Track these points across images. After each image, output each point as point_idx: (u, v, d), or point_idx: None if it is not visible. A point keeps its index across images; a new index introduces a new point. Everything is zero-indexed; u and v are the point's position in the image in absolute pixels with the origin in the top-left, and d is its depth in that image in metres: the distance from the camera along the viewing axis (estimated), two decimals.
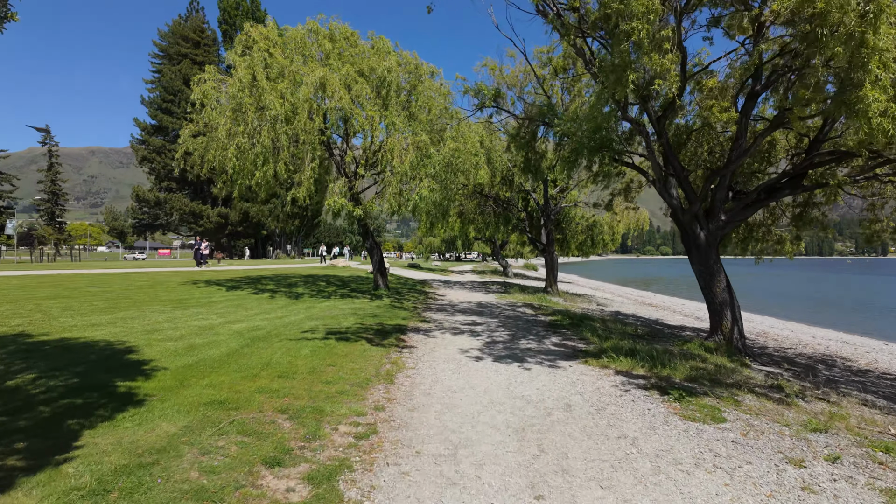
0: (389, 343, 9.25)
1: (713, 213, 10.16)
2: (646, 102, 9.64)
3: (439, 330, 11.29)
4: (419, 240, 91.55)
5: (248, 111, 15.56)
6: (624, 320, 16.60)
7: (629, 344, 9.47)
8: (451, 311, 14.95)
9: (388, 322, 11.82)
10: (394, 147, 14.66)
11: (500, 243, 44.96)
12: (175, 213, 67.72)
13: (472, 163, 16.65)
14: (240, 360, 7.25)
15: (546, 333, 11.22)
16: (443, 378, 6.98)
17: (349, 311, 13.36)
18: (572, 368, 7.82)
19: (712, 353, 10.01)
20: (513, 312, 15.18)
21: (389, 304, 15.68)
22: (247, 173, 16.23)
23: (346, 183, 15.49)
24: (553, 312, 15.02)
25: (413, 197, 15.03)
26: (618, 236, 25.84)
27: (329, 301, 15.54)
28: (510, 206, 24.56)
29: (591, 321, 13.71)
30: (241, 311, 12.57)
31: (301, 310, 13.31)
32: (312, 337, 9.26)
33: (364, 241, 18.68)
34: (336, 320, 11.57)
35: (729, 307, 10.26)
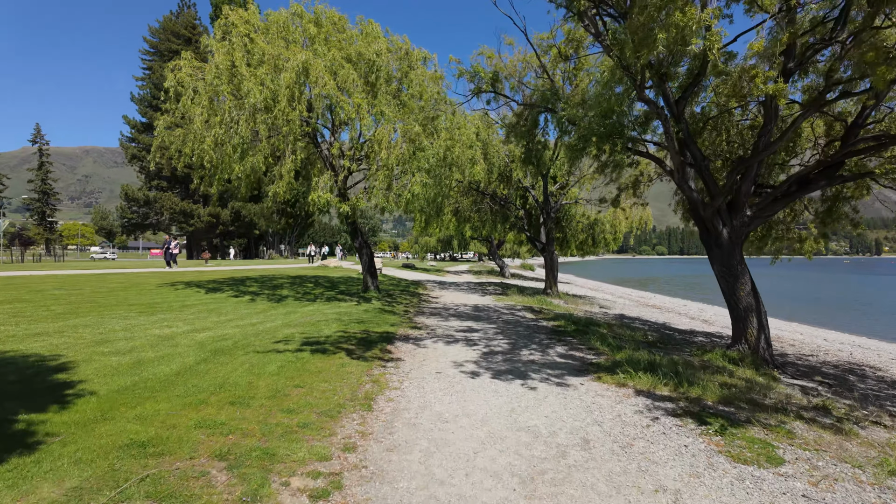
0: (373, 355, 8.10)
1: (737, 208, 9.06)
2: (663, 83, 8.53)
3: (431, 338, 10.14)
4: (415, 240, 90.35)
5: (225, 100, 14.41)
6: (630, 324, 15.50)
7: (646, 356, 8.35)
8: (445, 316, 13.80)
9: (375, 329, 10.66)
10: (383, 138, 13.51)
11: (496, 243, 43.83)
12: (165, 213, 66.31)
13: (468, 156, 15.52)
14: (191, 379, 6.09)
15: (550, 342, 10.09)
16: (432, 401, 5.83)
17: (333, 316, 12.19)
18: (584, 387, 6.69)
19: (737, 364, 8.91)
20: (512, 317, 14.04)
21: (378, 307, 14.53)
22: (225, 167, 15.06)
23: (333, 177, 14.33)
24: (555, 317, 13.90)
25: (405, 193, 13.89)
26: (620, 235, 24.76)
27: (313, 305, 14.37)
28: (508, 204, 23.44)
29: (597, 327, 12.60)
30: (214, 317, 11.40)
31: (280, 315, 12.15)
32: (284, 349, 8.10)
33: (353, 239, 17.53)
34: (316, 327, 10.41)
35: (755, 313, 9.16)
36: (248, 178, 15.38)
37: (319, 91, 12.89)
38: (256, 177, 15.69)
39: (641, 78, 7.96)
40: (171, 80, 14.95)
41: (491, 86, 12.47)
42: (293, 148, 13.29)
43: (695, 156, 8.98)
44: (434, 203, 16.56)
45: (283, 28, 15.33)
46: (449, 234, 48.44)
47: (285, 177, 13.32)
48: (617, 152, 8.89)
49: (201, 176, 16.19)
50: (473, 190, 23.44)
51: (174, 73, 15.12)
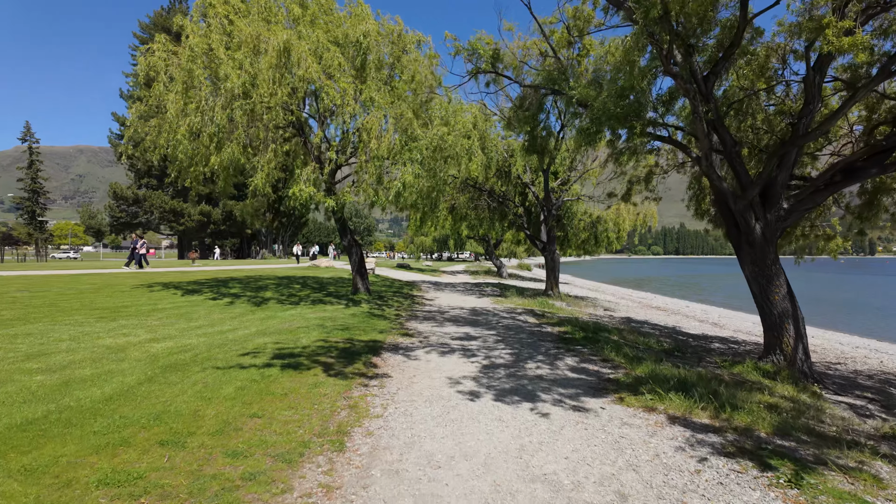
0: (355, 371, 6.93)
1: (772, 201, 7.94)
2: (690, 56, 7.40)
3: (424, 347, 8.98)
4: (410, 239, 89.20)
5: (201, 85, 13.21)
6: (640, 329, 14.38)
7: (670, 370, 7.22)
8: (440, 321, 12.64)
9: (361, 337, 9.49)
10: (372, 127, 12.33)
11: (494, 242, 42.68)
12: (155, 212, 64.87)
13: (465, 147, 14.34)
14: (122, 407, 4.91)
15: (558, 352, 8.93)
16: (422, 435, 4.67)
17: (315, 322, 11.01)
18: (607, 413, 5.54)
19: (773, 378, 7.79)
20: (513, 321, 12.89)
21: (367, 311, 13.35)
22: (200, 159, 13.88)
23: (317, 169, 13.13)
24: (560, 321, 12.76)
25: (395, 185, 12.72)
26: (623, 234, 23.65)
27: (296, 309, 13.18)
28: (506, 201, 22.30)
29: (607, 333, 11.48)
30: (182, 323, 10.20)
31: (256, 321, 10.96)
32: (251, 363, 6.92)
33: (341, 237, 16.34)
34: (294, 336, 9.22)
35: (791, 319, 8.04)
36: (225, 171, 14.20)
37: (302, 74, 11.70)
38: (236, 170, 14.51)
39: (669, 48, 6.84)
40: (142, 65, 13.76)
41: (491, 65, 11.33)
42: (274, 137, 12.10)
43: (724, 140, 7.86)
44: (428, 198, 15.41)
45: (266, 9, 14.13)
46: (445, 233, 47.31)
47: (264, 168, 12.12)
48: (636, 136, 7.77)
49: (178, 169, 14.98)
50: (470, 186, 22.28)
51: (146, 58, 13.92)
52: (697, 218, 13.97)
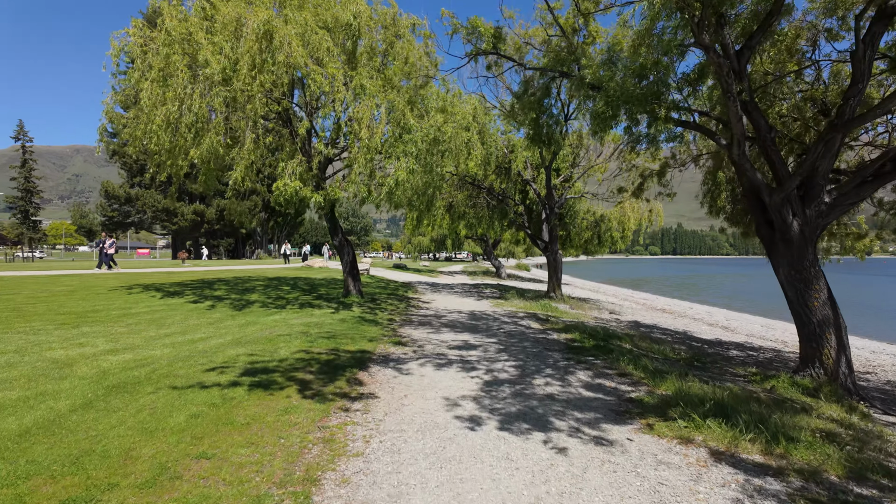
0: (336, 390, 5.96)
1: (812, 194, 7.00)
2: (721, 29, 6.45)
3: (418, 359, 8.01)
4: (408, 239, 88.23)
5: (179, 72, 12.23)
6: (650, 335, 13.45)
7: (700, 389, 6.27)
8: (437, 326, 11.67)
9: (348, 347, 8.51)
10: (363, 116, 11.35)
11: (492, 242, 41.73)
12: (147, 211, 63.75)
13: (463, 140, 13.38)
14: (38, 445, 3.93)
15: (568, 363, 7.97)
16: (410, 483, 3.71)
17: (299, 328, 10.04)
18: (636, 446, 4.58)
19: (815, 395, 6.85)
20: (515, 327, 11.93)
21: (358, 316, 12.38)
22: (179, 151, 12.91)
23: (304, 162, 12.14)
24: (566, 327, 11.81)
25: (388, 180, 11.75)
26: (629, 233, 22.69)
27: (281, 313, 12.20)
28: (506, 199, 21.34)
29: (617, 340, 10.53)
30: (151, 331, 9.23)
31: (235, 327, 9.98)
32: (215, 381, 5.94)
33: (332, 236, 15.35)
34: (272, 346, 8.25)
35: (832, 328, 7.11)
36: (206, 164, 13.21)
37: (284, 59, 10.71)
38: (218, 164, 13.51)
39: (701, 15, 5.89)
40: (114, 48, 12.73)
41: (492, 46, 10.35)
42: (254, 127, 11.11)
43: (758, 125, 6.92)
44: (424, 195, 14.44)
45: None
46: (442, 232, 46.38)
47: (243, 160, 11.13)
48: (659, 120, 6.82)
49: (156, 163, 14.00)
50: (468, 183, 21.32)
51: (119, 42, 12.90)
52: (712, 215, 13.05)
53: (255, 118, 11.00)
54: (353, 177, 11.24)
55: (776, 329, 19.55)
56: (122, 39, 12.93)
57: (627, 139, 8.23)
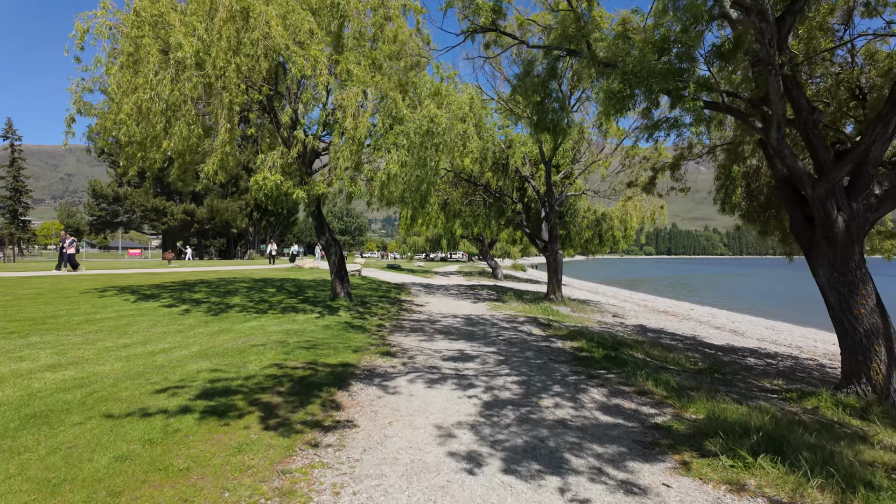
0: (306, 417, 4.99)
1: (861, 185, 6.10)
2: None
3: (407, 374, 7.04)
4: (403, 239, 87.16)
5: (149, 55, 11.23)
6: (659, 341, 12.55)
7: (736, 412, 5.35)
8: (430, 333, 10.70)
9: (328, 359, 7.54)
10: (349, 104, 10.38)
11: (489, 242, 40.78)
12: (136, 210, 62.45)
13: (459, 132, 12.43)
14: None
15: (578, 378, 7.03)
16: None
17: (277, 336, 9.05)
18: (676, 495, 3.63)
19: (865, 417, 5.94)
20: (515, 334, 10.98)
21: (345, 321, 11.40)
22: (151, 143, 11.91)
23: (286, 154, 11.15)
24: (570, 334, 10.87)
25: (379, 174, 10.79)
26: (631, 232, 21.79)
27: (260, 319, 11.21)
28: (503, 197, 20.39)
29: (628, 349, 9.61)
30: (109, 341, 8.23)
31: (206, 336, 8.99)
32: (161, 407, 4.96)
33: (318, 235, 14.37)
34: (241, 358, 7.26)
35: (882, 338, 6.20)
36: (180, 157, 12.23)
37: (261, 36, 9.72)
38: (193, 157, 12.51)
39: None
40: (78, 29, 11.70)
41: (491, 21, 9.41)
42: (229, 115, 10.12)
43: (799, 105, 6.01)
44: (417, 191, 13.48)
45: None
46: (437, 232, 45.42)
47: (217, 151, 10.13)
48: (686, 99, 5.87)
49: (127, 157, 12.98)
50: (464, 180, 20.36)
51: (83, 24, 11.88)
52: (727, 213, 12.14)
53: (231, 105, 10.01)
54: (338, 171, 10.26)
55: (783, 332, 18.73)
56: (88, 21, 11.90)
57: (644, 125, 7.31)
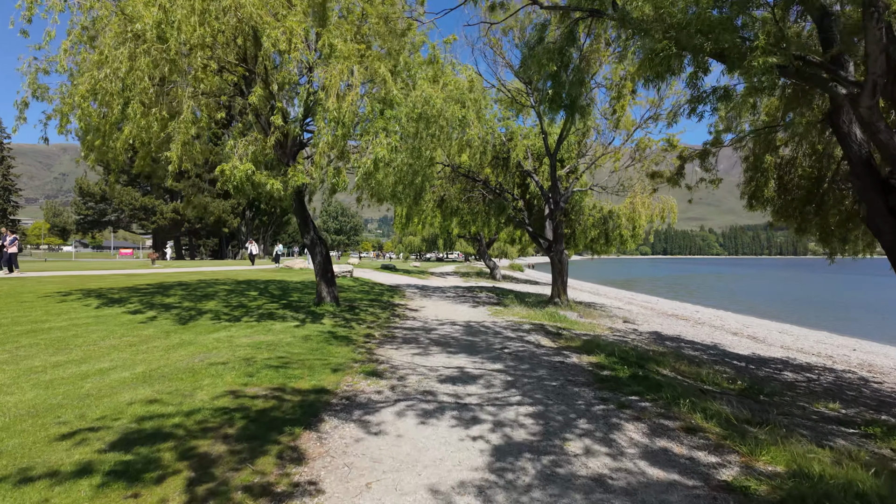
0: (250, 480, 3.63)
1: None
2: None
3: (396, 402, 5.70)
4: (399, 239, 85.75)
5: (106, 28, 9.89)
6: (680, 350, 11.28)
7: (823, 465, 4.06)
8: (425, 345, 9.36)
9: (299, 383, 6.19)
10: (332, 82, 9.03)
11: (487, 241, 39.45)
12: (125, 209, 60.79)
13: (458, 117, 11.11)
14: None
15: (607, 407, 5.69)
16: None
17: (244, 352, 7.70)
18: None
19: None
20: (522, 345, 9.65)
21: (328, 330, 10.05)
22: (110, 130, 10.55)
23: (260, 140, 9.78)
24: (585, 345, 9.54)
25: (364, 161, 9.45)
26: (639, 230, 20.47)
27: (231, 328, 9.85)
28: (503, 193, 19.06)
29: (653, 364, 8.32)
30: (40, 358, 6.87)
31: (159, 351, 7.63)
32: (53, 466, 3.60)
33: (302, 232, 13.02)
34: (192, 382, 5.91)
35: None
36: (145, 146, 10.85)
37: (230, 3, 8.38)
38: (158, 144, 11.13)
39: None
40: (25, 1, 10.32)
41: None
42: (194, 94, 8.77)
43: None
44: (411, 185, 12.20)
45: None
46: (433, 231, 44.15)
47: (181, 135, 8.77)
48: (755, 57, 4.54)
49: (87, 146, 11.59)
50: (462, 175, 19.04)
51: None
52: (757, 208, 10.87)
53: (196, 81, 8.65)
54: (318, 158, 8.90)
55: (799, 337, 17.52)
56: None
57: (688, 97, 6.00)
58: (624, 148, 16.75)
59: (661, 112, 15.59)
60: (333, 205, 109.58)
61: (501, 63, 16.12)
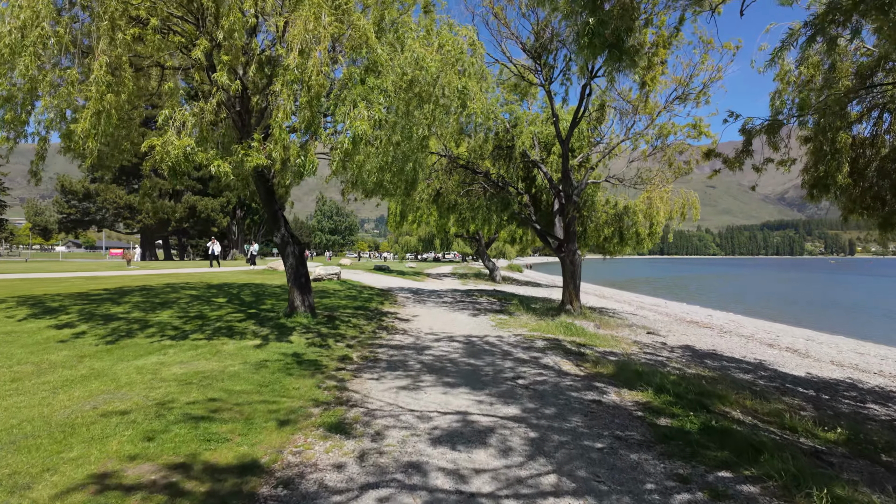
0: None
1: None
2: None
3: (360, 492, 3.63)
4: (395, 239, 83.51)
5: None
6: (729, 374, 9.25)
7: None
8: (416, 372, 7.27)
9: (220, 451, 4.09)
10: (295, 34, 6.95)
11: (486, 241, 37.35)
12: (109, 207, 58.42)
13: (456, 88, 9.03)
14: None
15: (693, 499, 3.64)
16: None
17: (168, 388, 5.60)
18: None
19: None
20: (540, 372, 7.55)
21: (293, 352, 7.95)
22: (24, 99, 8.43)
23: (211, 111, 7.68)
24: (621, 373, 7.46)
25: (340, 140, 7.36)
26: (658, 228, 18.39)
27: (169, 350, 7.74)
28: (507, 187, 16.96)
29: (717, 401, 6.27)
30: None
31: (48, 388, 5.53)
32: None
33: (273, 228, 10.91)
34: (50, 455, 3.81)
35: None
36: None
37: None
38: None
39: None
40: None
41: None
42: (110, 46, 6.67)
43: None
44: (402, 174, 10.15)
45: None
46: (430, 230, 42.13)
47: (93, 102, 6.67)
48: None
49: None
50: (461, 167, 16.96)
51: None
52: (820, 197, 8.84)
53: (113, 26, 6.55)
54: (277, 131, 6.81)
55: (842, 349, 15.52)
56: None
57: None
58: (646, 134, 14.71)
59: (691, 91, 13.56)
60: (328, 203, 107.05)
61: (507, 34, 14.05)
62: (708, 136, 14.52)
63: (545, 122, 17.14)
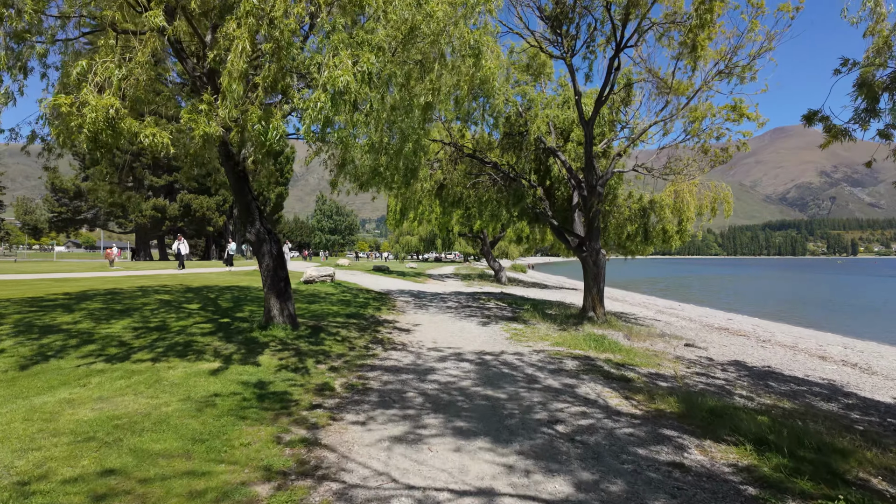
0: None
1: None
2: None
3: None
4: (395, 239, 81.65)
5: None
6: (806, 401, 7.41)
7: None
8: (415, 412, 5.43)
9: None
10: None
11: (490, 240, 35.45)
12: (100, 206, 56.66)
13: (466, 42, 7.20)
14: None
15: None
16: None
17: (51, 452, 3.76)
18: None
19: None
20: (580, 410, 5.71)
21: (257, 380, 6.12)
22: None
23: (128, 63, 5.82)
24: (691, 412, 5.61)
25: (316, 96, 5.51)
26: (687, 225, 16.49)
27: (93, 380, 5.91)
28: (518, 178, 15.09)
29: (839, 458, 4.41)
30: None
31: None
32: None
33: (246, 222, 9.09)
34: None
35: None
36: None
37: None
38: None
39: None
40: None
41: None
42: None
43: None
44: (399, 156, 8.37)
45: None
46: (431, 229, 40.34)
47: None
48: None
49: None
50: (467, 156, 15.11)
51: None
52: None
53: None
54: (227, 82, 4.99)
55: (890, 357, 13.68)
56: None
57: None
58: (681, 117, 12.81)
59: (735, 66, 11.67)
60: (328, 203, 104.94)
61: (525, 2, 12.18)
62: (750, 118, 12.64)
63: (561, 105, 15.29)
